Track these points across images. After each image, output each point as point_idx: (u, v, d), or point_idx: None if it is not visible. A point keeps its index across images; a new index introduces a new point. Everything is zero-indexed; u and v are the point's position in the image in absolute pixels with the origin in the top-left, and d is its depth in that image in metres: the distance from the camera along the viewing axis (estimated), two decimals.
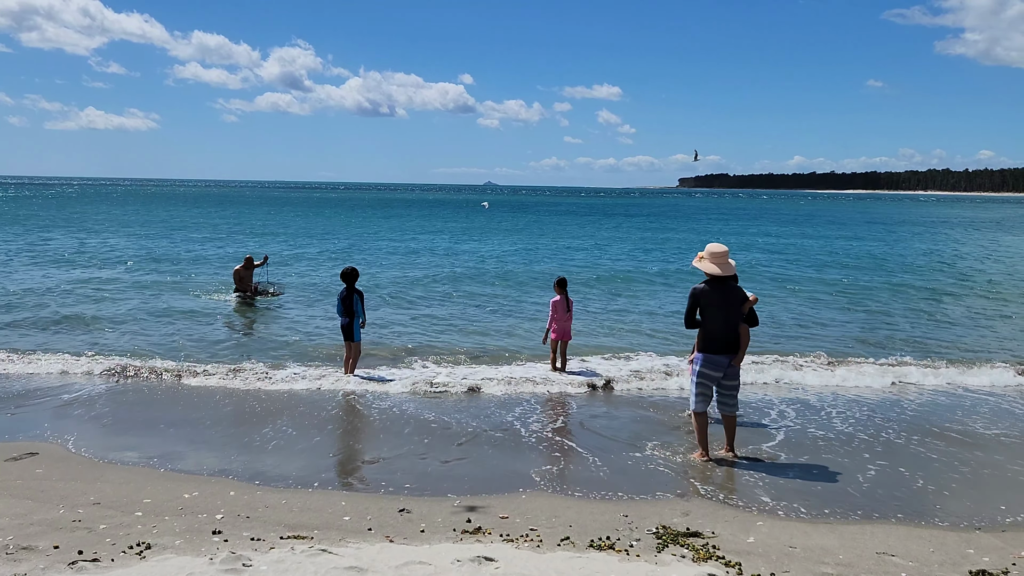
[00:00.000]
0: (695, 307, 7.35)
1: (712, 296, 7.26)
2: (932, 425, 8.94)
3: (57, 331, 13.77)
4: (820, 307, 18.15)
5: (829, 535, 5.70)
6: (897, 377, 11.18)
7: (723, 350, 7.31)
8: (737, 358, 7.37)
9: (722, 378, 7.43)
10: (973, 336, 14.79)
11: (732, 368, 7.40)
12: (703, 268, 7.35)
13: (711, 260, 7.32)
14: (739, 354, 7.37)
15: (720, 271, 7.26)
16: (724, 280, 7.31)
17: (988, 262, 30.39)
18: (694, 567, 4.97)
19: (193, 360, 11.61)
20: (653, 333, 14.56)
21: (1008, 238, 46.68)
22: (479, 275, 23.53)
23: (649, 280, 23.16)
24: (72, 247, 30.15)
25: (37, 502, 6.04)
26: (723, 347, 7.30)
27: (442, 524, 5.77)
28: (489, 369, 11.31)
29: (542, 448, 8.04)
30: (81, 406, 9.16)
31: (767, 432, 8.53)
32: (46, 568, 4.78)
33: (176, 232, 39.97)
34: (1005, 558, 5.33)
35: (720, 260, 7.30)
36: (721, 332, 7.28)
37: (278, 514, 5.93)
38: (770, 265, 28.09)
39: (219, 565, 4.79)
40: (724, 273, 7.27)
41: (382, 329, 14.38)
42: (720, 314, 7.25)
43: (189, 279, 21.28)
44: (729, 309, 7.27)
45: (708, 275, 7.34)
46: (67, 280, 20.38)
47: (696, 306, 7.34)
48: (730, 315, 7.27)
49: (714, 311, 7.26)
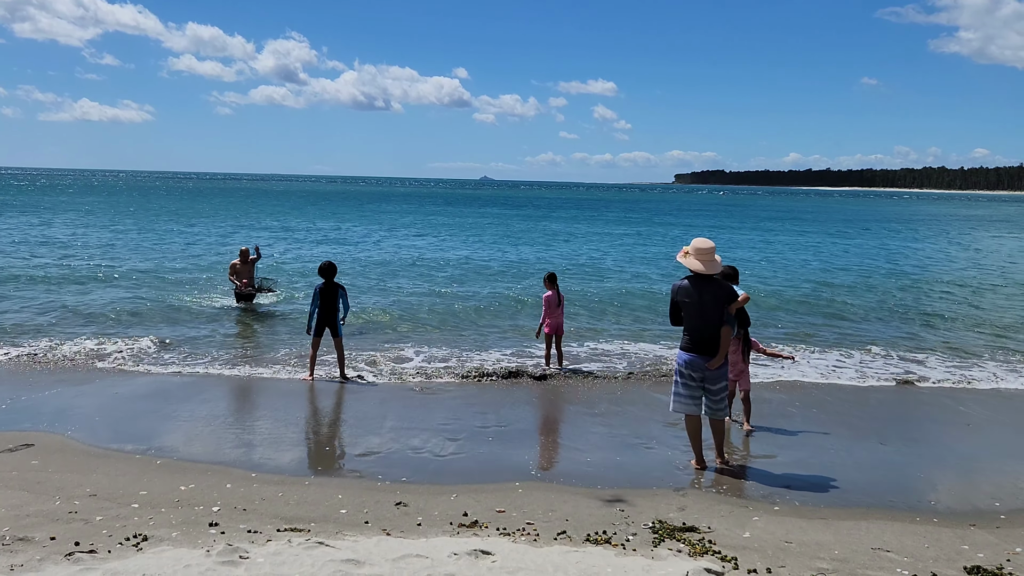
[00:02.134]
0: (675, 303, 7.02)
1: (691, 293, 6.88)
2: (929, 421, 8.97)
3: (51, 321, 13.73)
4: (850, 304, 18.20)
5: (825, 530, 5.72)
6: (894, 375, 11.22)
7: (699, 350, 6.91)
8: (714, 361, 6.89)
9: (703, 380, 6.99)
10: (972, 335, 14.84)
11: (709, 371, 6.93)
12: (686, 263, 6.94)
13: (695, 256, 6.90)
14: (717, 357, 6.90)
15: (702, 268, 6.85)
16: (707, 278, 6.91)
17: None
18: (690, 562, 4.98)
19: (188, 353, 11.58)
20: (664, 331, 14.57)
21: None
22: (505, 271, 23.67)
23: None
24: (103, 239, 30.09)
25: (33, 493, 6.02)
26: (699, 347, 6.91)
27: (439, 517, 5.78)
28: (485, 363, 11.31)
29: (538, 442, 8.05)
30: (79, 398, 9.13)
31: (764, 427, 8.55)
32: (42, 560, 4.77)
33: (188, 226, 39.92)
34: (1000, 554, 5.35)
35: (705, 257, 6.87)
36: (697, 332, 6.89)
37: (275, 507, 5.92)
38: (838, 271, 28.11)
39: (216, 557, 4.79)
40: (707, 271, 6.85)
41: (381, 325, 14.37)
42: (698, 313, 6.86)
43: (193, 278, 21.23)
44: (709, 308, 6.84)
45: (690, 271, 6.97)
46: (74, 270, 20.32)
47: (676, 303, 7.00)
48: (709, 314, 6.84)
49: (692, 309, 6.88)
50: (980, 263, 29.53)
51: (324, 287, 10.35)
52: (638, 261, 28.04)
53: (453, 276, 22.08)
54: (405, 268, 23.75)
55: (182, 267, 22.43)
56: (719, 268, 6.97)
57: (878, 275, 24.50)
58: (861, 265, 27.72)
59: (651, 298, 18.45)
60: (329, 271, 10.46)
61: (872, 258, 30.79)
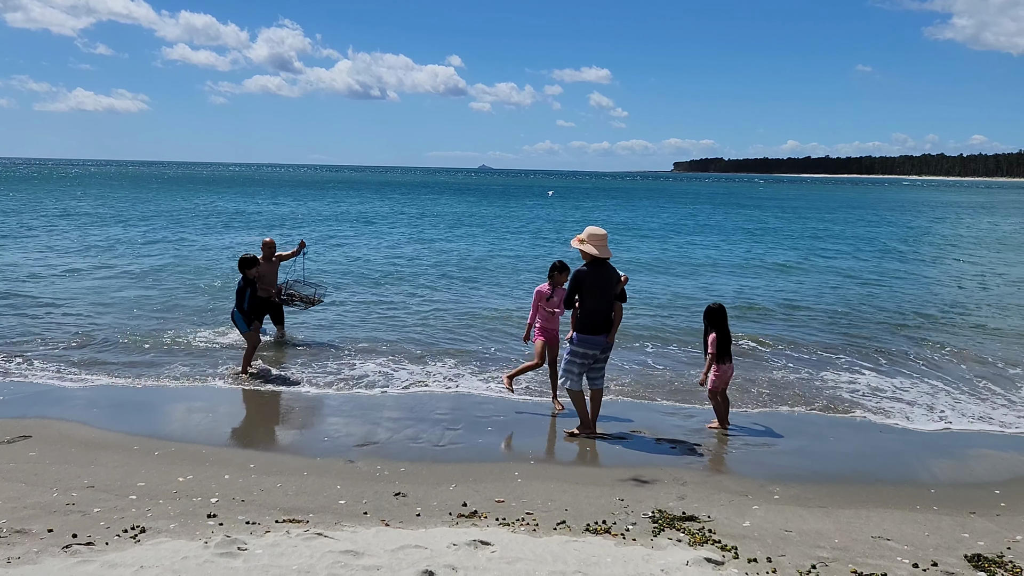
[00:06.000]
0: (576, 289, 7.54)
1: (592, 278, 7.50)
2: (927, 409, 8.96)
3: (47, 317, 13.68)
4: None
5: (824, 519, 5.71)
6: (893, 364, 11.21)
7: (600, 330, 7.59)
8: (611, 336, 7.68)
9: (596, 358, 7.70)
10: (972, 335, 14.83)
11: (607, 345, 7.72)
12: (584, 250, 7.53)
13: (591, 242, 7.51)
14: (612, 332, 7.68)
15: (598, 253, 7.47)
16: (603, 262, 7.55)
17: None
18: (690, 551, 4.97)
19: (187, 341, 11.54)
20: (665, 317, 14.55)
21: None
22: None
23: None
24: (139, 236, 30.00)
25: (30, 485, 6.00)
26: (600, 327, 7.58)
27: (438, 508, 5.77)
28: (481, 357, 11.29)
29: (537, 432, 8.03)
30: (76, 391, 9.10)
31: (762, 418, 8.54)
32: (40, 552, 4.75)
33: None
34: (1000, 542, 5.35)
35: (599, 242, 7.52)
36: (599, 313, 7.55)
37: (273, 498, 5.91)
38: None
39: (214, 549, 4.77)
40: (601, 255, 7.49)
41: (380, 321, 14.34)
42: (598, 295, 7.51)
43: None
44: (606, 290, 7.54)
45: (586, 257, 7.53)
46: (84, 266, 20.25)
47: (578, 288, 7.53)
48: (607, 295, 7.56)
49: (593, 292, 7.50)
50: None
51: (243, 283, 9.89)
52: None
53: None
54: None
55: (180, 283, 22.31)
56: (610, 252, 7.64)
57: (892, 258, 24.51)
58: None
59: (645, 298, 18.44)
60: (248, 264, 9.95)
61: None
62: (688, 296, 17.13)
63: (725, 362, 8.04)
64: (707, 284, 19.26)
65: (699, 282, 19.61)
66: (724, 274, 21.28)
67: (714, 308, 8.14)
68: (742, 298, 16.80)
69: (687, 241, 31.42)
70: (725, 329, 8.08)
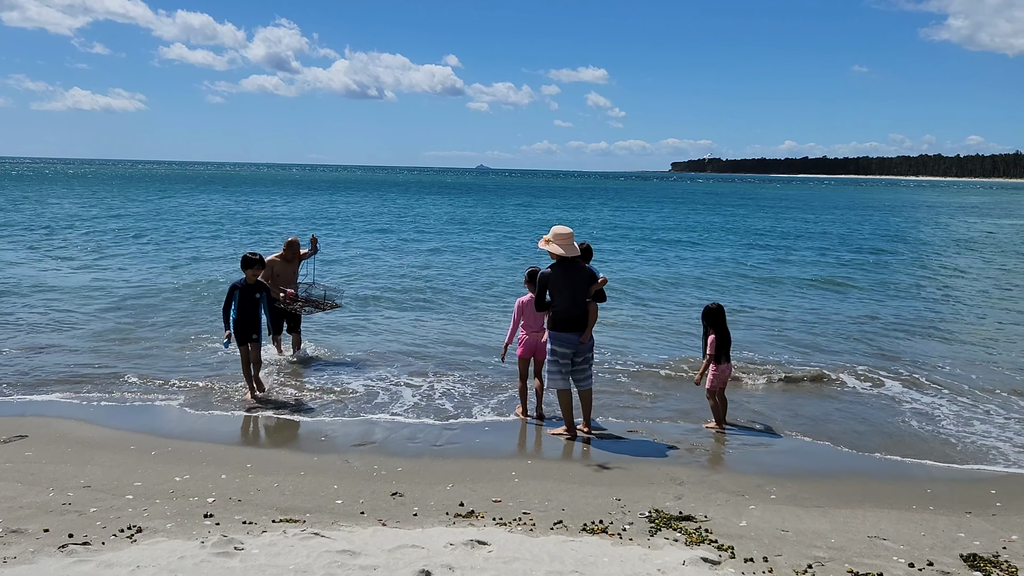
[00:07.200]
0: (544, 290, 7.60)
1: (559, 277, 7.54)
2: (925, 409, 8.97)
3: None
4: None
5: (821, 519, 5.71)
6: (890, 362, 11.23)
7: (571, 328, 7.60)
8: (584, 335, 7.63)
9: (574, 355, 7.68)
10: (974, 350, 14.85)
11: (582, 344, 7.66)
12: (550, 250, 7.58)
13: (556, 242, 7.55)
14: (586, 331, 7.63)
15: (564, 252, 7.51)
16: (571, 261, 7.57)
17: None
18: (687, 551, 4.97)
19: (187, 341, 11.53)
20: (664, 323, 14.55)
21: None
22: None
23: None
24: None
25: (27, 485, 5.99)
26: (571, 325, 7.59)
27: (435, 507, 5.76)
28: (478, 353, 11.29)
29: (534, 432, 8.03)
30: (73, 389, 9.09)
31: (760, 417, 8.55)
32: (36, 551, 4.74)
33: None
34: (996, 541, 5.36)
35: (565, 242, 7.56)
36: (569, 311, 7.56)
37: (270, 497, 5.90)
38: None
39: (211, 548, 4.76)
40: (568, 254, 7.52)
41: (377, 318, 14.32)
42: (567, 294, 7.53)
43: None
44: (576, 289, 7.54)
45: (554, 256, 7.57)
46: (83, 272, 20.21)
47: (545, 289, 7.59)
48: (577, 294, 7.55)
49: (562, 291, 7.54)
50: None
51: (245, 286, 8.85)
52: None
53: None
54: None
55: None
56: (578, 250, 7.65)
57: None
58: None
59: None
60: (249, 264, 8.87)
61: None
62: (687, 296, 17.13)
63: (723, 362, 8.04)
64: (706, 285, 19.29)
65: (700, 287, 19.64)
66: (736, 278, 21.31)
67: (713, 308, 8.14)
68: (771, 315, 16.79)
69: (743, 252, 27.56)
70: (724, 329, 8.09)
